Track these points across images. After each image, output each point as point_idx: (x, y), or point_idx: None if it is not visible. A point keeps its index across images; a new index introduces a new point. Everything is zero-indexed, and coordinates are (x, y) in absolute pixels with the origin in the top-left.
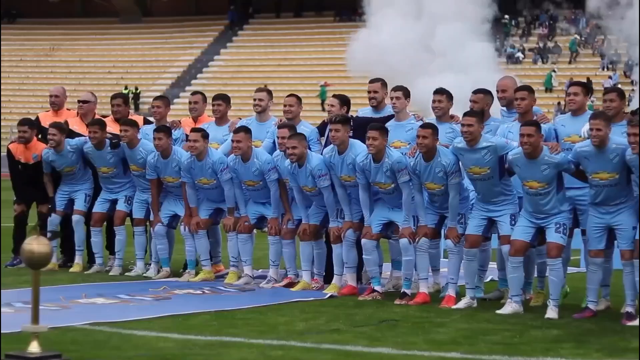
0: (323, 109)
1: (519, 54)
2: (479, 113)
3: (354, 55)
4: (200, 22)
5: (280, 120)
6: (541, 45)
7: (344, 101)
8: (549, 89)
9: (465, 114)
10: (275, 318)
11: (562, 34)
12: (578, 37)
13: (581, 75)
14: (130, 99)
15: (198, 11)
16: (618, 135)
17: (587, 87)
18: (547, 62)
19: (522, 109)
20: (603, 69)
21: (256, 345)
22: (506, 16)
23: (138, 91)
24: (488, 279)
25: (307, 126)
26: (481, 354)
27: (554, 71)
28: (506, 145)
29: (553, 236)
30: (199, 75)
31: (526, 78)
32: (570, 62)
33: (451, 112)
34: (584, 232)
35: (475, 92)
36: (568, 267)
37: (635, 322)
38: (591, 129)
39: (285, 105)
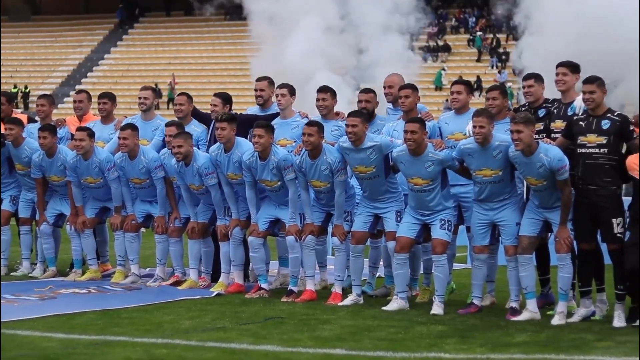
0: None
1: (410, 52)
2: (363, 113)
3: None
4: (90, 21)
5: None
6: (431, 43)
7: (226, 99)
8: (438, 87)
9: (349, 114)
10: (160, 316)
11: (451, 33)
12: (481, 34)
13: (471, 73)
14: (19, 98)
15: (88, 10)
16: (501, 133)
17: (470, 86)
18: (436, 61)
19: (406, 107)
20: (492, 68)
21: (140, 343)
22: (398, 15)
23: (27, 90)
24: (376, 276)
25: (197, 125)
26: (365, 350)
27: (444, 69)
28: (390, 143)
29: (438, 232)
30: (89, 74)
31: (416, 76)
32: (478, 60)
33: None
34: (469, 229)
35: (366, 91)
36: (455, 264)
37: (519, 317)
38: (474, 127)
39: (176, 104)
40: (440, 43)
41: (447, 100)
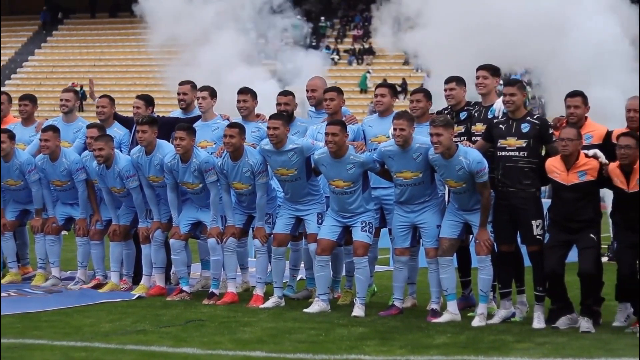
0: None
1: (334, 55)
2: (284, 116)
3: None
4: (14, 22)
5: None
6: (356, 46)
7: (149, 101)
8: (363, 90)
9: (271, 117)
10: (80, 319)
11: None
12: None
13: (396, 76)
14: None
15: (12, 11)
16: (424, 135)
17: (394, 88)
18: (362, 64)
19: (331, 110)
20: (417, 71)
21: (59, 347)
22: (322, 17)
23: None
24: (297, 278)
25: (120, 128)
26: (286, 352)
27: (369, 72)
28: (312, 146)
29: (359, 235)
30: (12, 76)
31: (341, 79)
32: (404, 64)
33: None
34: (391, 232)
35: (285, 94)
36: (377, 266)
37: (440, 319)
38: (394, 129)
39: (98, 107)
40: (366, 46)
41: (371, 103)
